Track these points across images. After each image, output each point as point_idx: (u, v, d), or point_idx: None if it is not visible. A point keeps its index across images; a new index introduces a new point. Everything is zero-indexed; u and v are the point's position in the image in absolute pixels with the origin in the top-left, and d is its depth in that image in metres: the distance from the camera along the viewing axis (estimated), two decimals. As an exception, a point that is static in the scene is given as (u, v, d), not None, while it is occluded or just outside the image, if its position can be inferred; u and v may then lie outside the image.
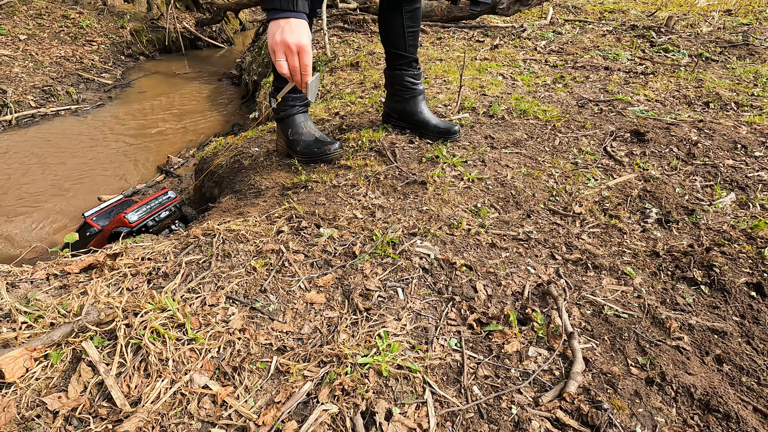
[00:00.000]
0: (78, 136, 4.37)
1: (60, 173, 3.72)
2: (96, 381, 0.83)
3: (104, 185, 3.59)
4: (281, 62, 1.14)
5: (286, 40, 1.11)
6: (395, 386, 0.86)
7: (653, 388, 0.87)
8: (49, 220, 3.17)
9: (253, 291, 1.06)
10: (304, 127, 1.78)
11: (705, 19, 5.41)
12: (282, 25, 1.12)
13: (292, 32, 1.12)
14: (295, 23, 1.12)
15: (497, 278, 1.16)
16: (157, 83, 5.97)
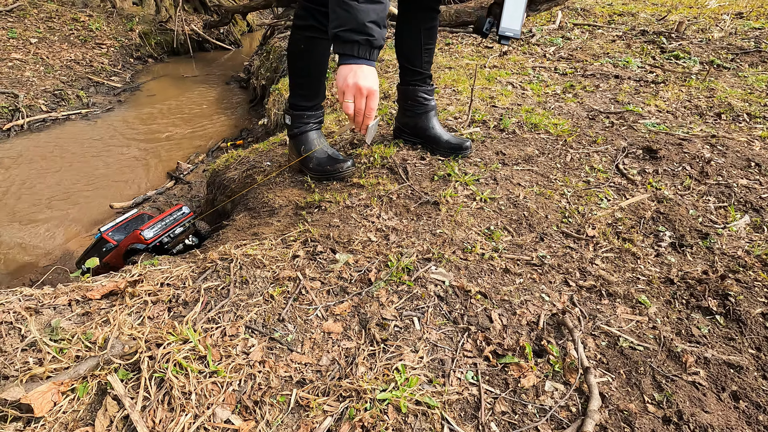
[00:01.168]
0: (89, 141, 4.42)
1: (72, 179, 3.76)
2: (122, 415, 0.85)
3: (115, 191, 3.63)
4: (349, 103, 1.20)
5: (359, 83, 1.18)
6: (414, 423, 0.87)
7: (670, 428, 0.88)
8: (61, 228, 3.21)
9: (271, 320, 1.08)
10: (317, 144, 1.79)
11: (716, 23, 5.36)
12: (355, 69, 1.19)
13: (366, 77, 1.19)
14: (368, 69, 1.20)
15: (512, 306, 1.17)
16: (165, 86, 6.01)
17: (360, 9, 1.16)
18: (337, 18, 1.18)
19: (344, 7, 1.16)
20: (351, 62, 1.19)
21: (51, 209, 3.39)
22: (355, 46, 1.18)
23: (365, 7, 1.16)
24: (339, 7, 1.17)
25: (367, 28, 1.17)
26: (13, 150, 4.12)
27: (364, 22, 1.16)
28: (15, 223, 3.23)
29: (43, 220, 3.28)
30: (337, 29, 1.18)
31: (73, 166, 3.96)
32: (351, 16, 1.16)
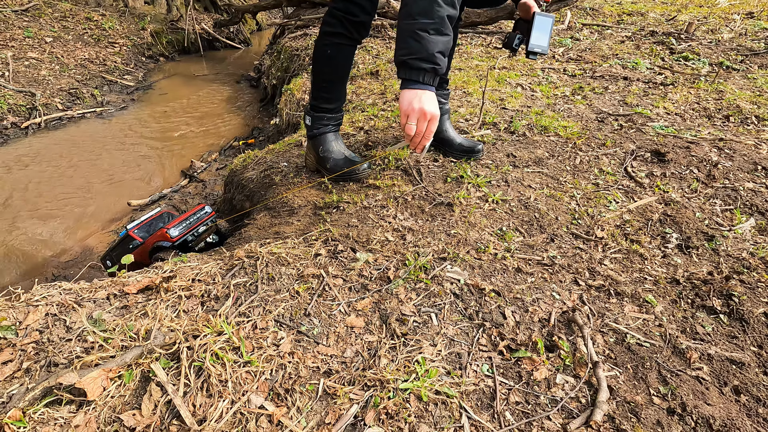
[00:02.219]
0: (104, 139, 4.51)
1: (88, 176, 3.85)
2: (165, 400, 0.93)
3: (132, 189, 3.72)
4: (412, 126, 1.27)
5: (424, 108, 1.25)
6: (434, 411, 0.94)
7: (674, 418, 0.94)
8: (80, 223, 3.30)
9: (298, 315, 1.15)
10: (334, 146, 1.85)
11: (726, 23, 5.36)
12: (420, 94, 1.26)
13: (430, 102, 1.26)
14: (431, 95, 1.27)
15: (524, 304, 1.23)
16: (177, 85, 6.10)
17: (430, 40, 1.23)
18: (407, 47, 1.25)
19: (416, 37, 1.23)
20: (415, 87, 1.27)
21: (69, 206, 3.48)
22: (422, 74, 1.26)
23: (435, 39, 1.24)
24: (410, 37, 1.24)
25: (435, 57, 1.25)
26: (31, 148, 4.22)
27: (433, 52, 1.24)
28: (35, 219, 3.33)
29: (62, 216, 3.37)
30: (407, 57, 1.26)
31: (90, 163, 4.06)
32: (422, 46, 1.23)
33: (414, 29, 1.24)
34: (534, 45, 1.61)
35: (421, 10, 1.23)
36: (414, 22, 1.24)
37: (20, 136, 4.41)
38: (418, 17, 1.23)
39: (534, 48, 1.62)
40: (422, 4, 1.23)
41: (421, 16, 1.23)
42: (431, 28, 1.23)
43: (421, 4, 1.23)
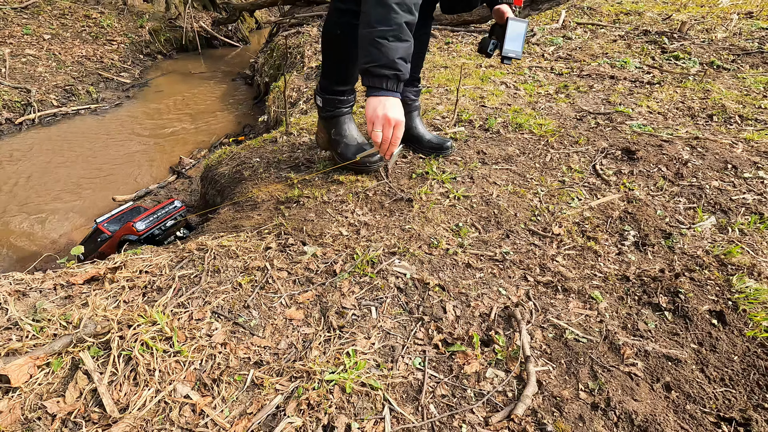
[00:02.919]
0: (96, 136, 4.56)
1: (79, 172, 3.89)
2: (90, 388, 0.94)
3: (120, 185, 3.76)
4: (378, 132, 1.29)
5: (388, 115, 1.28)
6: (357, 402, 0.94)
7: (597, 413, 0.94)
8: (67, 219, 3.34)
9: (237, 306, 1.15)
10: (347, 130, 1.81)
11: (723, 23, 5.30)
12: (383, 101, 1.28)
13: (393, 109, 1.28)
14: (395, 101, 1.30)
15: (468, 299, 1.23)
16: (173, 82, 6.14)
17: (390, 47, 1.25)
18: (368, 55, 1.27)
19: (376, 45, 1.25)
20: (379, 94, 1.29)
21: (58, 201, 3.52)
22: (384, 80, 1.27)
23: (395, 45, 1.25)
24: (371, 45, 1.25)
25: (396, 64, 1.26)
26: (24, 143, 4.27)
27: (394, 58, 1.26)
28: (23, 214, 3.37)
29: (50, 211, 3.41)
30: (369, 65, 1.27)
31: (81, 159, 4.10)
32: (382, 53, 1.25)
33: (373, 37, 1.25)
34: (508, 50, 1.63)
35: (379, 18, 1.24)
36: (373, 30, 1.25)
37: (14, 131, 4.47)
38: (376, 25, 1.24)
39: (508, 53, 1.63)
40: (380, 11, 1.24)
41: (380, 23, 1.24)
42: (390, 35, 1.24)
43: (378, 12, 1.24)
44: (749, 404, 0.99)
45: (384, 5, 1.22)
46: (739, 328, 1.16)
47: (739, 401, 1.00)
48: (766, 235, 1.50)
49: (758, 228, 1.52)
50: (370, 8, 1.25)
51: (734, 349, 1.11)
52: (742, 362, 1.08)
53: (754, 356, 1.09)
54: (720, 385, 1.03)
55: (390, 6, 1.22)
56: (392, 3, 1.22)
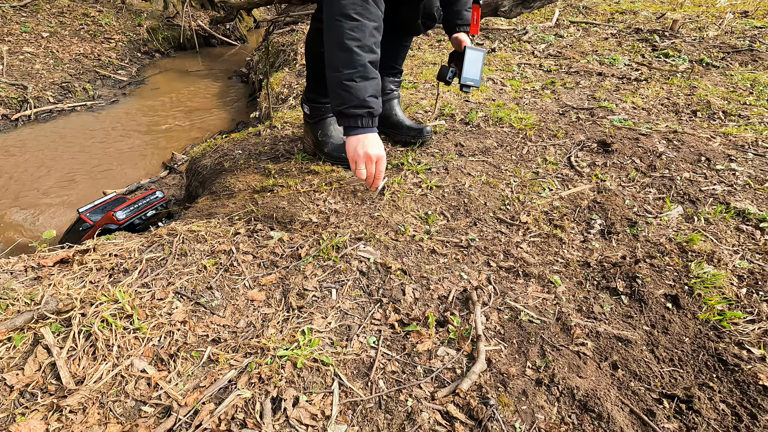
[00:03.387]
0: (91, 132, 4.60)
1: (73, 167, 3.94)
2: (49, 362, 0.97)
3: (112, 180, 3.80)
4: (362, 170, 1.32)
5: (368, 152, 1.30)
6: (307, 377, 0.96)
7: (541, 389, 0.96)
8: (59, 212, 3.38)
9: (200, 287, 1.18)
10: (333, 130, 1.86)
11: (716, 21, 5.31)
12: (362, 139, 1.31)
13: (372, 145, 1.31)
14: (372, 137, 1.32)
15: (428, 283, 1.25)
16: (170, 80, 6.19)
17: (359, 87, 1.28)
18: (338, 97, 1.30)
19: (344, 88, 1.28)
20: (357, 133, 1.31)
21: (51, 196, 3.57)
22: (358, 119, 1.30)
23: (363, 85, 1.28)
24: (339, 88, 1.28)
25: (367, 102, 1.29)
26: (19, 139, 4.32)
27: (364, 97, 1.29)
28: (16, 208, 3.41)
29: (43, 205, 3.45)
30: (341, 107, 1.31)
31: (75, 155, 4.14)
32: (352, 95, 1.28)
33: (341, 81, 1.28)
34: (466, 78, 1.67)
35: (344, 62, 1.27)
36: (339, 74, 1.28)
37: (10, 127, 4.52)
38: (342, 69, 1.27)
39: (466, 81, 1.67)
40: (342, 56, 1.27)
41: (345, 67, 1.27)
42: (356, 76, 1.27)
43: (341, 56, 1.27)
44: (695, 383, 1.01)
45: (346, 49, 1.25)
46: (692, 312, 1.18)
47: (686, 380, 1.02)
48: (731, 224, 1.52)
49: (723, 217, 1.54)
50: (333, 53, 1.28)
51: (686, 332, 1.13)
52: (693, 344, 1.10)
53: (705, 338, 1.11)
54: (668, 365, 1.05)
55: (351, 49, 1.25)
56: (353, 46, 1.25)
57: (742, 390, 0.99)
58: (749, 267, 1.32)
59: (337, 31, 1.25)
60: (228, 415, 0.88)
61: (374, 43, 1.28)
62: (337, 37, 1.25)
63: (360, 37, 1.25)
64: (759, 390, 0.99)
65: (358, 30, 1.24)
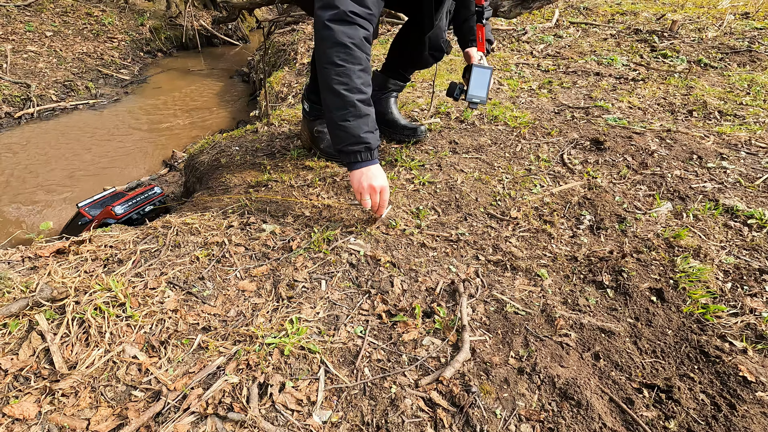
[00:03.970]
0: (93, 130, 4.65)
1: (74, 164, 3.98)
2: (43, 347, 0.99)
3: (113, 177, 3.83)
4: (367, 201, 1.38)
5: (372, 184, 1.36)
6: (294, 364, 0.99)
7: (522, 377, 0.98)
8: (60, 209, 3.41)
9: (192, 278, 1.21)
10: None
11: (716, 23, 5.31)
12: (364, 172, 1.37)
13: (376, 177, 1.37)
14: (375, 169, 1.38)
15: (417, 275, 1.27)
16: (171, 79, 6.23)
17: (353, 125, 1.33)
18: (337, 138, 1.36)
19: (340, 129, 1.34)
20: (359, 167, 1.37)
21: (51, 192, 3.60)
22: (357, 155, 1.36)
23: (357, 123, 1.33)
24: (335, 129, 1.34)
25: (362, 138, 1.35)
26: (22, 137, 4.37)
27: (360, 134, 1.34)
28: (17, 204, 3.45)
29: (43, 201, 3.49)
30: (340, 146, 1.36)
31: (77, 152, 4.18)
32: (348, 134, 1.34)
33: (336, 122, 1.34)
34: (472, 96, 1.70)
35: (336, 105, 1.33)
36: (333, 116, 1.34)
37: (13, 125, 4.56)
38: (335, 111, 1.33)
39: (472, 98, 1.70)
40: (334, 100, 1.32)
41: (338, 110, 1.33)
42: (350, 116, 1.33)
43: (333, 100, 1.32)
44: (676, 374, 1.03)
45: (336, 94, 1.31)
46: (677, 305, 1.19)
47: (667, 371, 1.03)
48: (719, 220, 1.53)
49: (712, 214, 1.56)
50: (326, 98, 1.34)
51: (669, 324, 1.15)
52: (676, 336, 1.12)
53: (689, 330, 1.13)
54: (650, 357, 1.07)
55: (340, 93, 1.30)
56: (341, 90, 1.30)
57: (722, 381, 1.01)
58: (735, 262, 1.34)
59: (326, 77, 1.31)
60: (215, 399, 0.90)
61: (362, 83, 1.33)
62: (327, 83, 1.31)
63: (347, 81, 1.30)
64: (739, 381, 1.00)
65: (344, 75, 1.30)
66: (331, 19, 1.27)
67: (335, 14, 1.27)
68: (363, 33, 1.31)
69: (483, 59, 1.74)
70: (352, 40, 1.28)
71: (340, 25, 1.28)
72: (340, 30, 1.27)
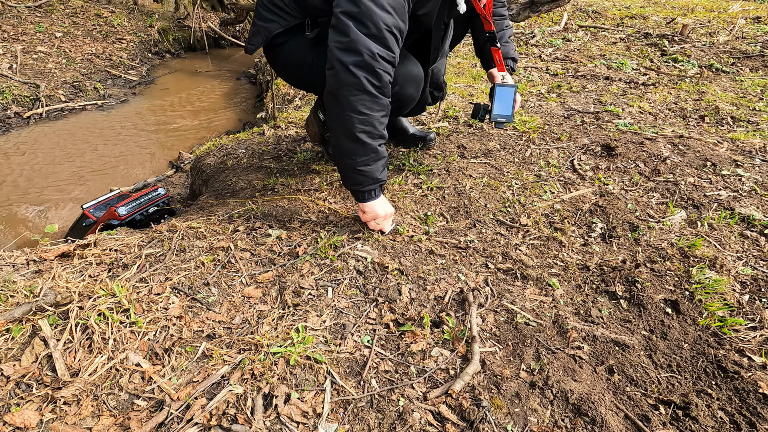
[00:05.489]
0: (101, 130, 4.66)
1: (81, 165, 3.99)
2: (46, 353, 0.98)
3: (120, 177, 3.84)
4: (375, 225, 1.41)
5: (379, 213, 1.38)
6: (300, 374, 0.96)
7: (534, 391, 0.95)
8: (67, 208, 3.42)
9: (197, 283, 1.19)
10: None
11: (727, 27, 5.25)
12: (373, 205, 1.38)
13: (383, 207, 1.39)
14: (382, 200, 1.40)
15: (425, 283, 1.25)
16: (179, 80, 6.25)
17: (371, 169, 1.32)
18: (352, 180, 1.34)
19: (358, 173, 1.32)
20: (369, 200, 1.37)
21: (59, 192, 3.61)
22: (372, 193, 1.36)
23: (375, 166, 1.32)
24: (353, 173, 1.32)
25: (379, 179, 1.35)
26: (30, 137, 4.39)
27: (377, 177, 1.34)
28: (26, 204, 3.46)
29: (51, 201, 3.50)
30: (355, 187, 1.35)
31: (85, 153, 4.20)
32: (366, 177, 1.33)
33: (355, 167, 1.31)
34: (496, 114, 1.67)
35: (356, 151, 1.29)
36: (352, 162, 1.30)
37: (22, 125, 4.59)
38: (355, 157, 1.30)
39: (497, 118, 1.67)
40: (353, 146, 1.28)
41: (357, 155, 1.30)
42: (370, 161, 1.31)
43: (352, 146, 1.29)
44: (693, 390, 0.99)
45: (358, 141, 1.27)
46: (692, 317, 1.16)
47: (684, 386, 1.00)
48: (735, 230, 1.49)
49: (728, 223, 1.52)
50: (343, 143, 1.29)
51: (685, 337, 1.11)
52: (692, 350, 1.09)
53: (705, 344, 1.10)
54: (666, 371, 1.04)
55: (363, 141, 1.27)
56: (364, 138, 1.26)
57: (741, 398, 0.98)
58: (752, 273, 1.30)
59: (348, 124, 1.25)
60: (219, 411, 0.88)
61: (383, 128, 1.31)
62: (349, 130, 1.26)
63: (370, 130, 1.26)
64: (759, 398, 0.97)
65: (368, 123, 1.25)
66: (357, 65, 1.18)
67: (360, 61, 1.18)
68: (387, 78, 1.24)
69: (506, 77, 1.71)
70: (379, 89, 1.23)
71: (367, 73, 1.19)
72: (365, 77, 1.20)
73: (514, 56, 1.83)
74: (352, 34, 1.17)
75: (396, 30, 1.22)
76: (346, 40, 1.18)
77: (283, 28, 1.48)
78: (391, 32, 1.20)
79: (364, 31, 1.17)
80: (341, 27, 1.18)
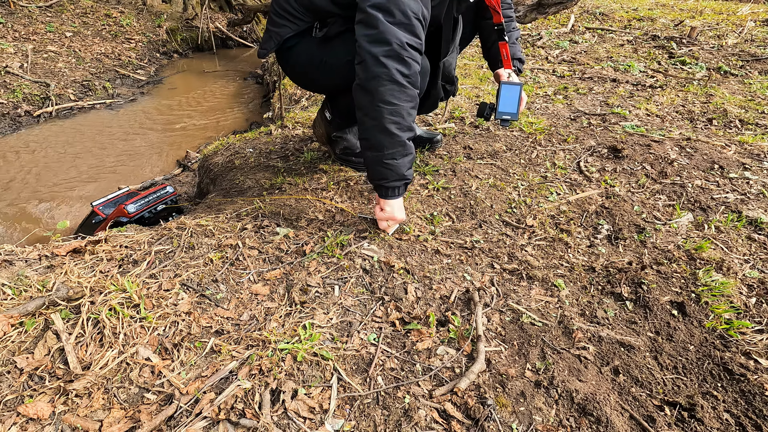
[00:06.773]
0: (110, 129, 4.71)
1: (91, 163, 4.03)
2: (58, 347, 0.99)
3: (128, 175, 3.88)
4: (386, 225, 1.42)
5: (395, 217, 1.39)
6: (307, 370, 0.97)
7: (539, 390, 0.95)
8: (76, 206, 3.46)
9: (206, 280, 1.20)
10: (349, 132, 1.86)
11: (736, 29, 5.22)
12: (393, 205, 1.38)
13: (399, 211, 1.39)
14: (399, 202, 1.39)
15: (431, 282, 1.25)
16: (187, 80, 6.30)
17: (399, 164, 1.32)
18: (378, 173, 1.33)
19: (386, 166, 1.31)
20: (392, 198, 1.37)
21: (70, 189, 3.65)
22: (396, 190, 1.36)
23: (402, 161, 1.32)
24: (379, 166, 1.32)
25: (405, 175, 1.34)
26: (40, 135, 4.44)
27: (403, 173, 1.33)
28: (34, 200, 3.50)
29: (61, 199, 3.54)
30: (380, 181, 1.35)
31: (94, 151, 4.24)
32: (393, 172, 1.32)
33: (382, 160, 1.31)
34: (501, 113, 1.68)
35: (385, 144, 1.29)
36: (380, 154, 1.30)
37: (32, 123, 4.65)
38: (383, 150, 1.30)
39: (502, 115, 1.68)
40: (383, 138, 1.28)
41: (386, 148, 1.29)
42: (398, 154, 1.31)
43: (382, 138, 1.28)
44: (698, 391, 0.99)
45: (388, 133, 1.27)
46: (699, 320, 1.16)
47: (689, 388, 1.00)
48: (743, 233, 1.49)
49: (735, 226, 1.52)
50: (373, 135, 1.29)
51: (691, 339, 1.11)
52: (698, 352, 1.09)
53: (711, 347, 1.10)
54: (671, 373, 1.04)
55: (392, 133, 1.27)
56: (394, 129, 1.26)
57: (747, 400, 0.98)
58: (760, 276, 1.30)
59: (378, 116, 1.25)
60: (228, 405, 0.89)
61: (412, 121, 1.31)
62: (380, 122, 1.26)
63: (399, 121, 1.27)
64: (765, 401, 0.97)
65: (397, 114, 1.25)
66: (387, 56, 1.20)
67: (389, 50, 1.20)
68: (416, 67, 1.25)
69: (512, 76, 1.71)
70: (407, 78, 1.23)
71: (396, 62, 1.21)
72: (396, 68, 1.21)
73: (521, 57, 1.84)
74: (380, 26, 1.19)
75: (422, 16, 1.25)
76: (374, 32, 1.20)
77: (294, 32, 1.50)
78: (418, 19, 1.23)
79: (391, 20, 1.19)
80: (370, 20, 1.21)
